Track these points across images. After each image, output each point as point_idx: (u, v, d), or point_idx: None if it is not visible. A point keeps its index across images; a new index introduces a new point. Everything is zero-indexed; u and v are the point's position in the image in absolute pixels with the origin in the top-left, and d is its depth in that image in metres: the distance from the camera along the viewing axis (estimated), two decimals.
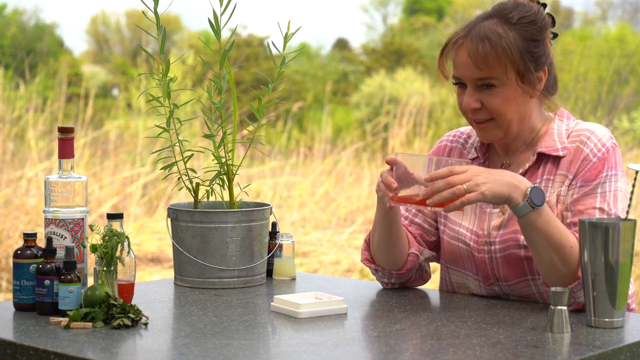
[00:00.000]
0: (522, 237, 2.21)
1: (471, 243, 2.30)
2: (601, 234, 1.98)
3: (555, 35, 2.32)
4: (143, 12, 2.45)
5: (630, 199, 2.08)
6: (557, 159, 2.25)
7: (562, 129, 2.28)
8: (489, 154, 2.37)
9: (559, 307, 1.96)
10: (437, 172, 2.05)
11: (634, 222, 2.00)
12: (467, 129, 2.47)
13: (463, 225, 2.33)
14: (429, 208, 2.08)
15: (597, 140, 2.23)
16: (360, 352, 1.86)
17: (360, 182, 9.29)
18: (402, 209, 2.42)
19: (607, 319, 1.99)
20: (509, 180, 2.08)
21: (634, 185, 2.10)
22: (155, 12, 2.46)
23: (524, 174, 2.26)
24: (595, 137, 2.23)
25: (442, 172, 2.05)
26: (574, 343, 1.88)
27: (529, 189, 2.07)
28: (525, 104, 2.25)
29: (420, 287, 2.46)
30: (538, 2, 2.29)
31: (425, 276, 2.45)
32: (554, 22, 2.31)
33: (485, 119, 2.25)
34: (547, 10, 2.30)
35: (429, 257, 2.43)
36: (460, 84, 2.26)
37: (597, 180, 2.19)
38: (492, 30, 2.19)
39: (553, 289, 1.97)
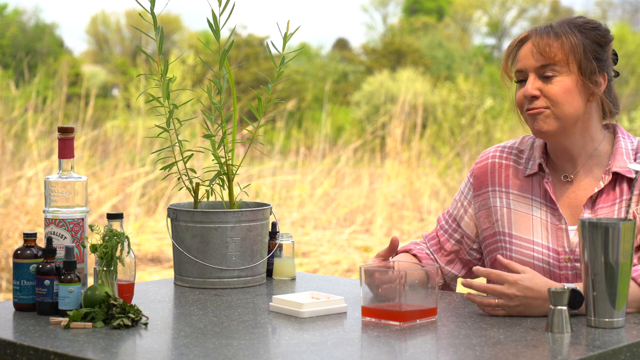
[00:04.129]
0: None
1: (551, 260, 2.27)
2: (601, 234, 1.98)
3: (617, 74, 2.36)
4: (140, 14, 2.45)
5: (630, 199, 2.08)
6: (628, 179, 2.27)
7: (629, 147, 2.30)
8: (549, 168, 2.35)
9: (559, 307, 1.95)
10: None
11: (634, 222, 2.00)
12: (513, 142, 2.45)
13: (536, 242, 2.30)
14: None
15: None
16: (360, 352, 1.86)
17: (360, 182, 9.29)
18: (442, 220, 2.48)
19: (607, 319, 1.99)
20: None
21: (634, 186, 2.09)
22: (152, 13, 2.46)
23: (599, 194, 2.27)
24: None
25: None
26: (574, 343, 1.88)
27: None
28: (584, 103, 2.25)
29: None
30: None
31: None
32: (616, 59, 2.34)
33: (541, 107, 2.25)
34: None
35: (454, 276, 2.49)
36: (521, 81, 2.28)
37: None
38: (558, 25, 2.27)
39: (553, 289, 1.97)
